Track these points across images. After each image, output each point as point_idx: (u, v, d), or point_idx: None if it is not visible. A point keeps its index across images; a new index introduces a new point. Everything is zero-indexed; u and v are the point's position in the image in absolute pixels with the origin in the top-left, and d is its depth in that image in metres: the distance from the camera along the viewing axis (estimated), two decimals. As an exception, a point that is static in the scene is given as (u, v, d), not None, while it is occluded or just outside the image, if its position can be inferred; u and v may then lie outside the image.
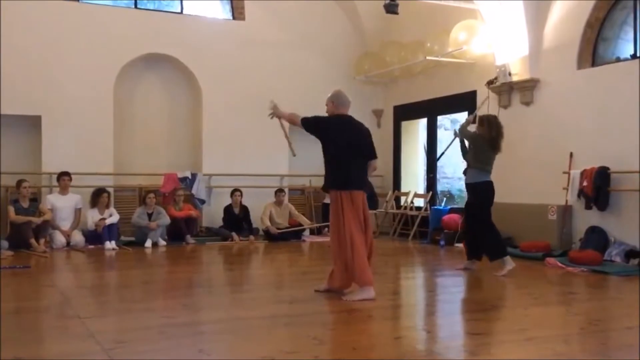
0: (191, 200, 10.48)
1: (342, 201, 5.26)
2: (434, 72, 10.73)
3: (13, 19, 9.62)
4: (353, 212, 5.23)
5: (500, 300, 5.62)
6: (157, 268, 7.81)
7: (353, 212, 5.23)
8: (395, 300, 5.81)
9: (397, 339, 4.15)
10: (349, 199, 5.25)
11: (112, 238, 9.08)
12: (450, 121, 12.84)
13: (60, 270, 7.58)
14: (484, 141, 6.81)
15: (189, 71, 10.91)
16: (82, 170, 9.80)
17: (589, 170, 7.96)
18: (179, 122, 11.16)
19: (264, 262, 8.64)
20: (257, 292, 5.97)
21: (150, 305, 5.22)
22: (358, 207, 5.28)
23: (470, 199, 6.94)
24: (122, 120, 10.63)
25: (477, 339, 4.07)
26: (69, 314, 4.70)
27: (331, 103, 5.51)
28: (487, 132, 6.80)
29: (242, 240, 10.01)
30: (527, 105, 9.04)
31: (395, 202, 11.60)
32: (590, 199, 7.95)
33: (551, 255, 7.75)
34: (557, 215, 8.38)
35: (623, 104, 7.73)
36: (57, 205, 9.31)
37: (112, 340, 3.85)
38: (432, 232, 10.00)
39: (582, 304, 5.49)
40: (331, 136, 5.37)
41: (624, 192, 7.73)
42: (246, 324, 4.40)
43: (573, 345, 3.98)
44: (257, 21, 11.27)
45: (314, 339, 4.02)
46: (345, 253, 5.22)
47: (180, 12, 11.02)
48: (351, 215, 5.21)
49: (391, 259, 8.72)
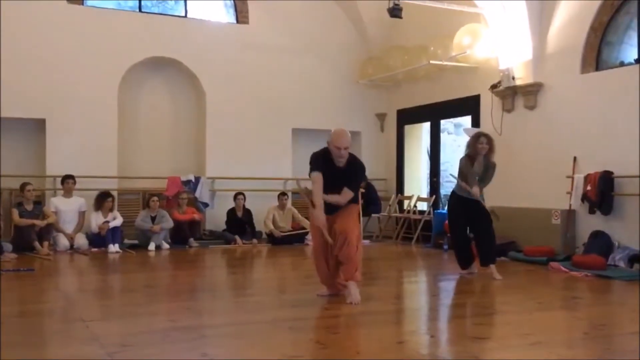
0: (194, 204, 10.49)
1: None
2: (437, 76, 10.73)
3: (17, 22, 9.65)
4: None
5: (504, 305, 5.60)
6: (161, 271, 7.82)
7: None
8: (399, 304, 5.80)
9: (400, 344, 4.14)
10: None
11: (115, 241, 9.09)
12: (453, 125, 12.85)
13: (64, 273, 7.60)
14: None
15: (192, 74, 10.93)
16: (86, 174, 9.82)
17: (593, 175, 7.94)
18: (183, 126, 11.18)
19: (267, 266, 8.64)
20: (260, 296, 5.96)
21: (153, 309, 5.22)
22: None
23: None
24: (126, 123, 10.64)
25: (481, 343, 4.06)
26: (73, 318, 4.71)
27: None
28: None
29: (245, 244, 10.02)
30: (531, 109, 9.03)
31: (399, 206, 11.58)
32: (594, 203, 7.94)
33: (555, 260, 7.73)
34: (561, 220, 8.36)
35: (627, 109, 7.72)
36: (61, 208, 9.33)
37: (115, 344, 3.85)
38: (435, 236, 9.98)
39: (586, 309, 5.48)
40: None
41: (627, 196, 7.71)
42: (250, 328, 4.40)
43: (577, 350, 3.97)
44: (260, 25, 11.28)
45: (317, 343, 4.03)
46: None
47: (185, 16, 11.05)
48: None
49: (394, 263, 8.72)
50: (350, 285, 5.24)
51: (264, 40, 11.25)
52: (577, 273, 7.04)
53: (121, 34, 10.34)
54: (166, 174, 10.58)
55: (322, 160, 5.27)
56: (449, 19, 10.04)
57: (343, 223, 5.26)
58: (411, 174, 11.93)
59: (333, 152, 5.24)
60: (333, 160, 5.27)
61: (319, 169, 5.21)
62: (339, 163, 5.26)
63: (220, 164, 10.89)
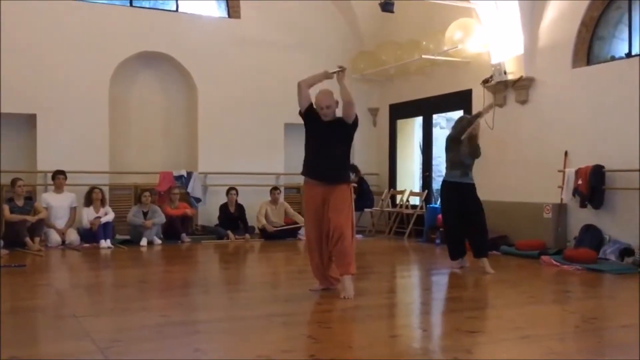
0: (187, 199, 10.47)
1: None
2: (429, 71, 10.74)
3: (8, 18, 9.58)
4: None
5: (496, 299, 5.64)
6: (153, 267, 7.80)
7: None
8: (391, 298, 5.82)
9: (393, 338, 4.15)
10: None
11: (107, 237, 9.07)
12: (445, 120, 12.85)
13: (56, 269, 7.56)
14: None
15: (184, 69, 10.89)
16: (78, 169, 9.78)
17: (584, 169, 7.98)
18: (175, 120, 11.15)
19: (260, 261, 8.64)
20: (253, 291, 5.96)
21: (146, 304, 5.21)
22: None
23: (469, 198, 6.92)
24: (118, 118, 10.61)
25: (473, 337, 4.07)
26: (65, 313, 4.70)
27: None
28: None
29: (237, 239, 10.01)
30: (522, 104, 9.06)
31: (391, 201, 11.61)
32: (585, 197, 7.97)
33: (546, 254, 7.77)
34: (552, 214, 8.41)
35: (618, 103, 7.76)
36: (52, 203, 9.29)
37: (108, 339, 3.84)
38: (427, 230, 10.01)
39: (577, 302, 5.51)
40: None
41: (618, 190, 7.75)
42: (242, 323, 4.40)
43: (568, 344, 4.00)
44: (252, 19, 11.25)
45: (309, 338, 4.03)
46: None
47: (176, 11, 11.00)
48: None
49: (387, 257, 8.73)
50: (345, 280, 5.25)
51: (256, 35, 11.22)
52: (569, 267, 7.08)
53: (112, 29, 10.29)
54: (158, 169, 10.56)
55: (310, 114, 5.42)
56: (440, 13, 10.05)
57: (338, 218, 5.26)
58: (403, 168, 11.95)
59: (319, 112, 5.39)
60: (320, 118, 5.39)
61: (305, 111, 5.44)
62: (325, 117, 5.38)
63: (212, 159, 10.87)
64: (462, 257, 7.02)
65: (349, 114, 5.36)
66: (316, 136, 5.42)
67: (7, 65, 9.50)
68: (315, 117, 5.41)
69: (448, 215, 7.04)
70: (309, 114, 5.43)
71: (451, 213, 6.97)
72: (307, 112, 5.44)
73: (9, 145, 9.79)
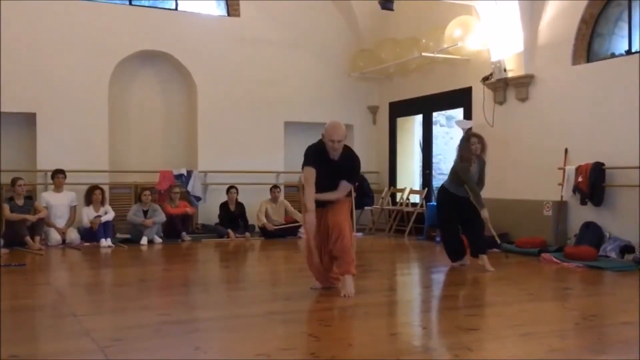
0: (187, 198, 10.47)
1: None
2: (429, 69, 10.73)
3: (7, 17, 9.56)
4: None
5: (496, 296, 5.63)
6: (153, 266, 7.80)
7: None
8: (391, 296, 5.82)
9: (393, 335, 4.16)
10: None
11: (107, 236, 9.07)
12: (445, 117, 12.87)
13: (56, 268, 7.57)
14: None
15: (184, 68, 10.88)
16: (77, 168, 9.78)
17: (584, 166, 7.97)
18: (174, 119, 11.15)
19: (260, 259, 8.63)
20: (253, 290, 5.96)
21: (146, 303, 5.21)
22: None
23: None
24: (117, 117, 10.60)
25: (473, 334, 4.07)
26: (65, 312, 4.70)
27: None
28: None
29: (238, 238, 10.01)
30: (522, 101, 9.05)
31: (391, 199, 11.60)
32: (585, 194, 7.97)
33: (546, 251, 7.77)
34: (553, 211, 8.40)
35: (618, 100, 7.75)
36: (52, 202, 9.29)
37: (107, 338, 3.84)
38: (428, 228, 10.00)
39: (577, 300, 5.51)
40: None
41: (619, 187, 7.75)
42: (242, 322, 4.40)
43: (568, 341, 4.00)
44: (252, 18, 11.24)
45: (310, 336, 4.03)
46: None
47: (175, 9, 10.99)
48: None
49: (387, 255, 8.74)
50: (346, 278, 5.25)
51: (256, 33, 11.21)
52: (569, 264, 7.07)
53: (112, 28, 10.28)
54: (158, 167, 10.55)
55: (317, 155, 5.24)
56: (440, 11, 10.04)
57: (335, 216, 5.25)
58: (403, 166, 11.94)
59: (327, 145, 5.22)
60: (328, 153, 5.24)
61: (312, 164, 5.18)
62: (334, 156, 5.25)
63: (212, 158, 10.86)
64: (461, 258, 7.03)
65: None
66: (323, 175, 5.21)
67: (7, 65, 9.49)
68: (322, 155, 5.24)
69: (446, 224, 7.11)
70: (318, 153, 5.26)
71: (449, 221, 7.04)
72: (315, 155, 5.26)
73: (8, 145, 9.78)
